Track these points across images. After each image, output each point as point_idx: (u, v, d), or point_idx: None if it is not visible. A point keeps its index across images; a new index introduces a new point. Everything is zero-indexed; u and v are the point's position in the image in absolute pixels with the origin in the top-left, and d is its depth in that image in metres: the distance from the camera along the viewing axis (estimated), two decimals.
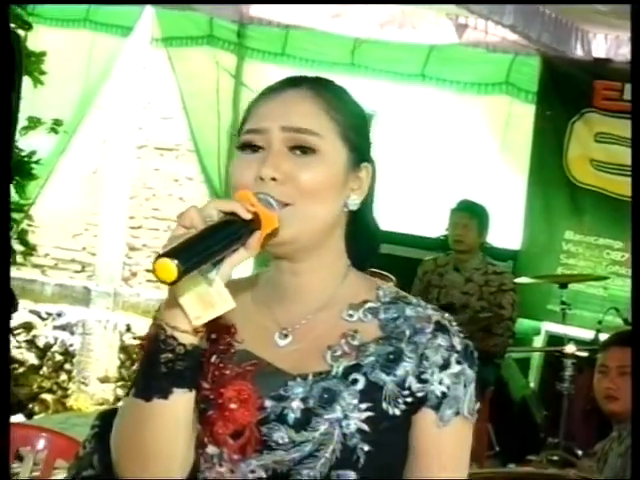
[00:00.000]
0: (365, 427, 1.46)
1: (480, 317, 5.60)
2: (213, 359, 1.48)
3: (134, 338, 7.60)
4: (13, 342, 7.60)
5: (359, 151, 1.56)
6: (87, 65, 7.03)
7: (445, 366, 1.49)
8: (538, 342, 6.50)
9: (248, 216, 1.39)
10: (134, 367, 7.53)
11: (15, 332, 7.63)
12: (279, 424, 1.47)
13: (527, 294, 6.06)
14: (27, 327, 7.73)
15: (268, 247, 1.49)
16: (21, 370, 7.60)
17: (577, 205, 6.62)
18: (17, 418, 5.77)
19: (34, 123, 6.07)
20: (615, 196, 6.52)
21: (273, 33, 7.05)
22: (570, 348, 5.12)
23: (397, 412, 1.48)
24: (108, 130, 7.67)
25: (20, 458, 3.38)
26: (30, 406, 7.18)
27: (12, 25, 5.43)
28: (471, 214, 5.69)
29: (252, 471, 1.48)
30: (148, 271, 7.04)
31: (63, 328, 7.78)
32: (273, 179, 1.47)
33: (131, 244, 7.77)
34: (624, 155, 6.47)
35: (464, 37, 6.73)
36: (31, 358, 7.70)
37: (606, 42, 6.59)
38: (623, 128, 6.47)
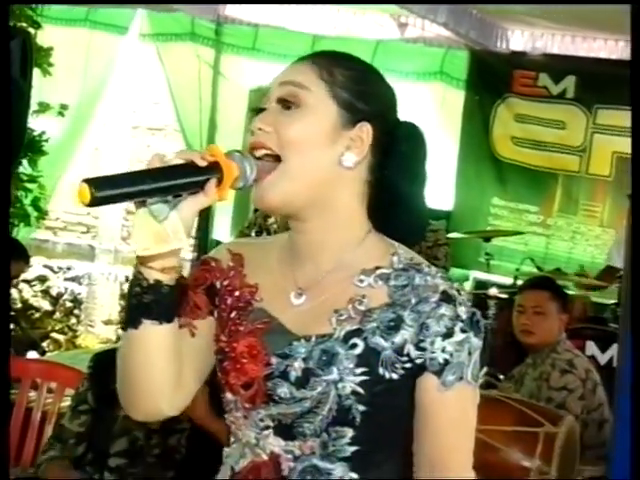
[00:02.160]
0: (359, 389, 1.32)
1: None
2: (232, 314, 1.41)
3: None
4: (30, 292, 7.56)
5: (353, 110, 1.37)
6: (86, 58, 6.95)
7: (448, 334, 1.33)
8: (467, 287, 6.53)
9: (202, 163, 1.27)
10: None
11: (32, 283, 7.57)
12: (282, 380, 1.35)
13: (458, 248, 6.07)
14: (42, 279, 7.66)
15: (272, 209, 1.40)
16: (37, 315, 7.55)
17: (501, 175, 6.65)
18: (33, 355, 5.71)
19: (44, 107, 5.97)
20: (531, 167, 6.56)
21: (245, 31, 6.98)
22: (493, 291, 5.15)
23: (395, 376, 1.33)
24: (107, 113, 7.56)
25: (36, 387, 3.36)
26: (44, 345, 7.13)
27: (24, 24, 5.34)
28: None
29: (261, 420, 1.38)
30: None
31: (72, 280, 7.74)
32: (260, 129, 1.35)
33: (128, 209, 7.68)
34: (538, 133, 6.51)
35: (405, 34, 6.71)
36: (45, 305, 7.64)
37: (522, 37, 6.61)
38: (537, 110, 6.51)
